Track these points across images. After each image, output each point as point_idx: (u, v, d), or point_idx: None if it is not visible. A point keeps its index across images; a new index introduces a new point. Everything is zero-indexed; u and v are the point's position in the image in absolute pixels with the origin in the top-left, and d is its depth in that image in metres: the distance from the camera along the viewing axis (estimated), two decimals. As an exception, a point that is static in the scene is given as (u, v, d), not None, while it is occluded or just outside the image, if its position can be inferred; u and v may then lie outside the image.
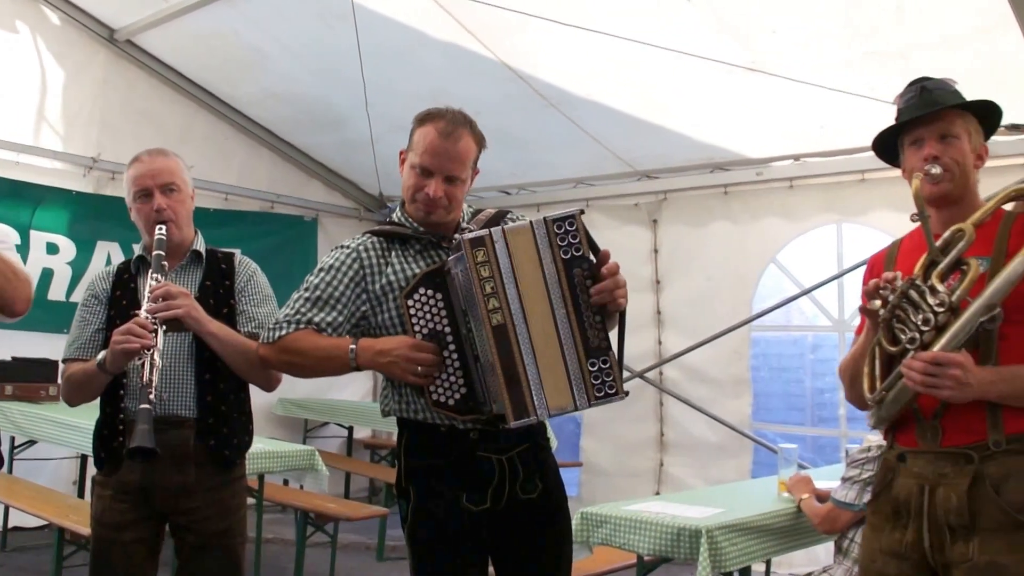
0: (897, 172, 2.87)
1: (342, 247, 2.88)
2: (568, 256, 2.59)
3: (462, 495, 2.73)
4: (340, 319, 2.78)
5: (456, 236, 2.75)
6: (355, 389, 9.68)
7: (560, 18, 5.88)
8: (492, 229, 2.60)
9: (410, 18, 6.55)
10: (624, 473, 7.79)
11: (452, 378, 2.66)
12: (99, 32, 7.79)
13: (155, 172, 3.15)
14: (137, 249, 3.27)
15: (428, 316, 2.67)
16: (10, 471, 6.86)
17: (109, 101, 7.94)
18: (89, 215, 7.67)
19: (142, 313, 2.91)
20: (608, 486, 7.66)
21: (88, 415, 5.37)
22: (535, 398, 2.55)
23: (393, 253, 2.83)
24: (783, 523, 4.12)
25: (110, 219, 7.58)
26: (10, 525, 6.88)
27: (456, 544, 2.74)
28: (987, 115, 2.76)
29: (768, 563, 5.90)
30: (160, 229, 3.09)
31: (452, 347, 2.65)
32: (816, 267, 7.01)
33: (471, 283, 2.57)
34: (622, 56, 6.16)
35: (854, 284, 6.72)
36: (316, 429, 9.36)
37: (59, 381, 6.70)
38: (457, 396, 2.66)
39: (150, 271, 3.04)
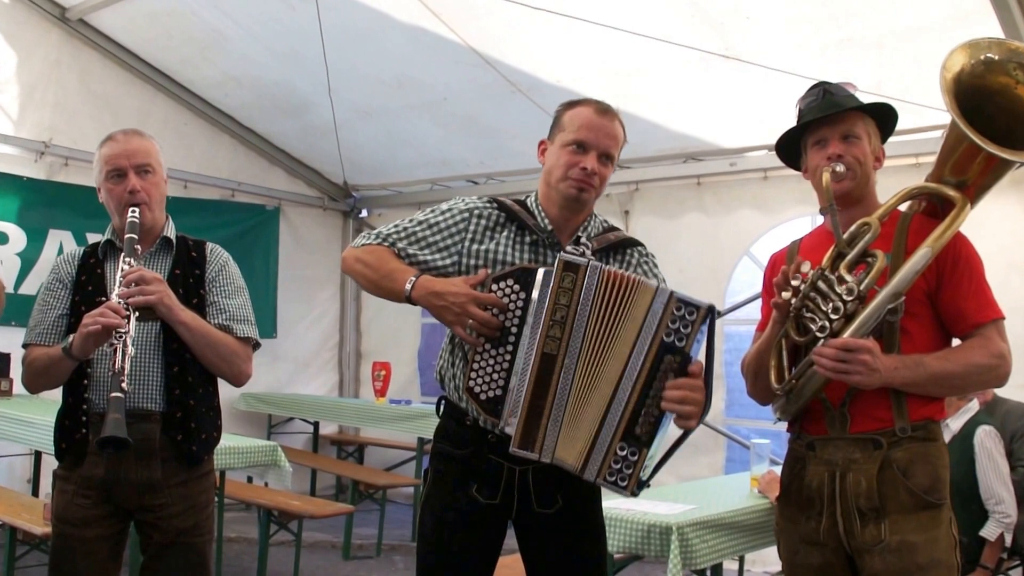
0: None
1: (462, 200, 2.86)
2: (670, 340, 2.48)
3: (473, 485, 2.72)
4: (422, 261, 2.76)
5: (585, 230, 2.78)
6: (321, 383, 9.59)
7: (529, 1, 5.76)
8: (592, 262, 2.54)
9: (375, -1, 6.39)
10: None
11: (495, 375, 2.59)
12: (50, 11, 7.52)
13: (130, 152, 3.05)
14: (105, 233, 3.16)
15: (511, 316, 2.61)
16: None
17: (62, 83, 7.70)
18: (41, 202, 7.45)
19: (113, 297, 2.82)
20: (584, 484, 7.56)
21: (43, 410, 5.24)
22: (546, 438, 2.52)
23: (505, 231, 2.79)
24: (756, 519, 4.14)
25: (63, 207, 7.43)
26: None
27: (458, 531, 2.73)
28: (885, 118, 2.90)
29: (741, 560, 5.91)
30: (133, 212, 3.00)
31: (510, 347, 2.58)
32: (791, 260, 6.92)
33: (546, 301, 2.52)
34: (593, 42, 6.06)
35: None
36: (280, 425, 9.22)
37: (11, 375, 6.62)
38: (491, 394, 2.59)
39: (122, 255, 2.94)
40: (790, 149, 3.01)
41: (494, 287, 2.60)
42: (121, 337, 2.77)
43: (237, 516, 7.37)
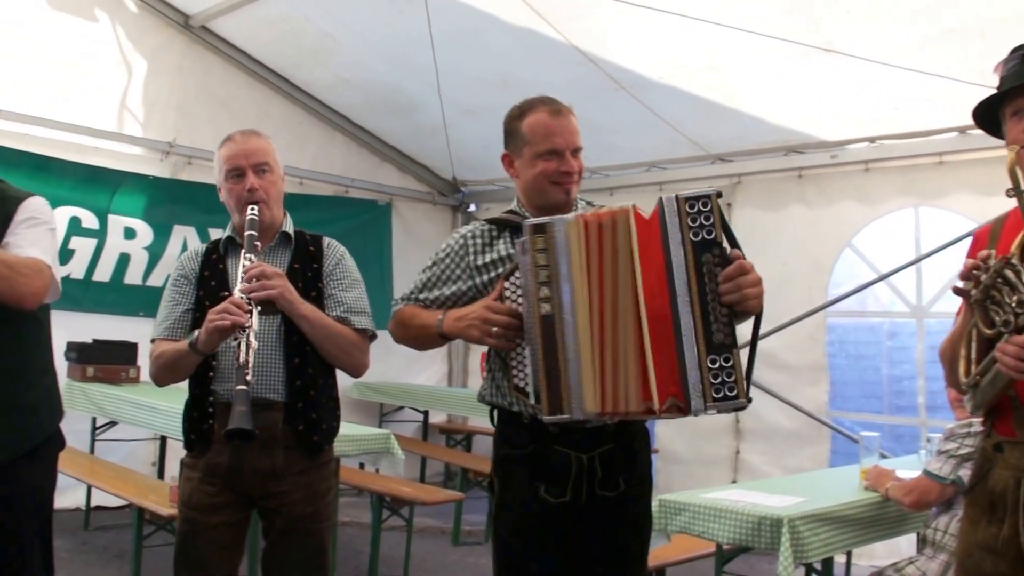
0: (978, 155, 2.75)
1: (454, 233, 2.99)
2: (699, 238, 2.43)
3: (540, 487, 2.75)
4: (442, 297, 2.91)
5: (576, 208, 2.79)
6: (431, 374, 9.76)
7: (631, -1, 5.83)
8: (555, 217, 2.56)
9: (481, 2, 6.53)
10: (700, 461, 7.72)
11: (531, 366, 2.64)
12: (175, 19, 7.91)
13: (248, 152, 3.13)
14: (225, 231, 3.25)
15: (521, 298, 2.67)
16: (92, 451, 7.02)
17: (185, 87, 8.07)
18: (166, 200, 7.81)
19: (236, 293, 2.89)
20: (684, 474, 7.60)
21: (169, 397, 5.48)
22: (572, 396, 2.49)
23: (502, 240, 2.89)
24: (866, 513, 4.04)
25: (186, 204, 7.77)
26: (92, 504, 7.01)
27: (533, 536, 2.76)
28: None
29: (849, 554, 5.85)
30: (252, 209, 3.06)
31: None
32: (893, 252, 6.86)
33: (527, 268, 2.57)
34: (695, 38, 6.10)
35: (933, 269, 6.58)
36: (391, 413, 9.40)
37: (138, 363, 6.96)
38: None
39: (243, 251, 3.01)
40: (992, 119, 2.65)
41: (507, 284, 2.68)
42: (245, 331, 2.82)
43: (350, 501, 7.51)
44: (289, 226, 3.25)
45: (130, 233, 7.61)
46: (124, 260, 7.55)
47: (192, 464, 3.13)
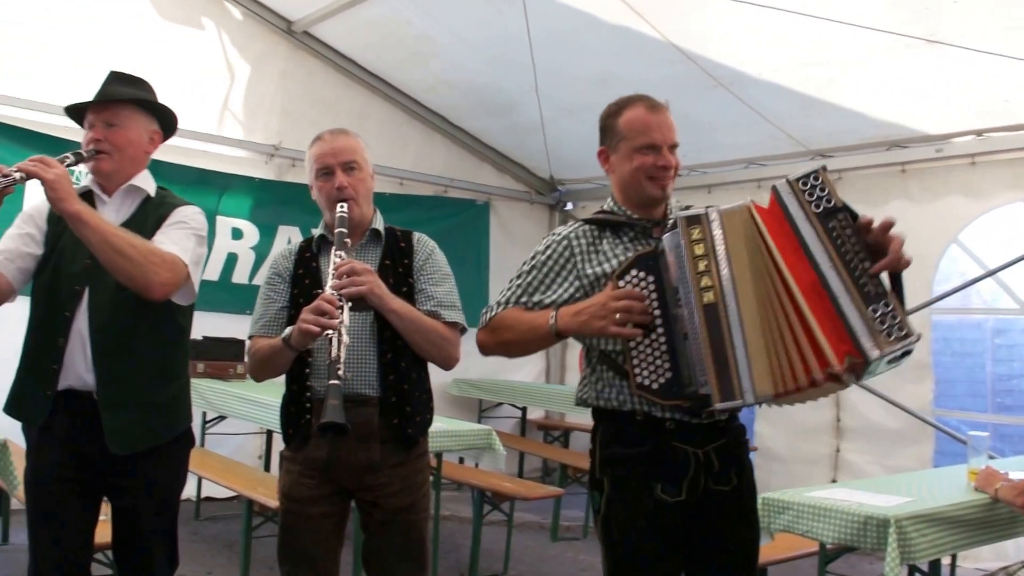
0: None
1: (554, 234, 2.97)
2: (820, 208, 2.50)
3: (656, 486, 2.74)
4: (547, 301, 2.86)
5: (672, 215, 2.79)
6: (529, 370, 9.80)
7: (731, -5, 5.80)
8: (708, 209, 2.60)
9: (579, 1, 6.55)
10: (799, 459, 7.63)
11: (658, 361, 2.65)
12: (278, 24, 8.11)
13: (337, 151, 3.17)
14: (318, 229, 3.30)
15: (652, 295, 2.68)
16: (202, 444, 7.23)
17: (289, 91, 8.27)
18: (271, 201, 8.03)
19: (327, 290, 2.91)
20: (783, 472, 7.52)
21: (274, 392, 5.59)
22: (742, 381, 2.49)
23: (604, 241, 2.89)
24: (975, 515, 3.91)
25: (291, 204, 7.94)
26: (203, 495, 7.24)
27: (649, 536, 2.74)
28: None
29: (954, 557, 5.73)
30: (341, 207, 3.09)
31: (660, 330, 2.65)
32: (1001, 248, 6.69)
33: (683, 260, 2.57)
34: (794, 32, 6.03)
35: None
36: (490, 409, 9.48)
37: (245, 360, 7.11)
38: (662, 380, 2.64)
39: (333, 248, 3.04)
40: None
41: (620, 283, 2.69)
42: (336, 327, 2.84)
43: (450, 495, 7.55)
44: (379, 223, 3.29)
45: (237, 233, 7.85)
46: (232, 260, 7.80)
47: (291, 458, 3.19)
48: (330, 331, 2.82)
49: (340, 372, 2.77)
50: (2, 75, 6.77)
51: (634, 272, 2.69)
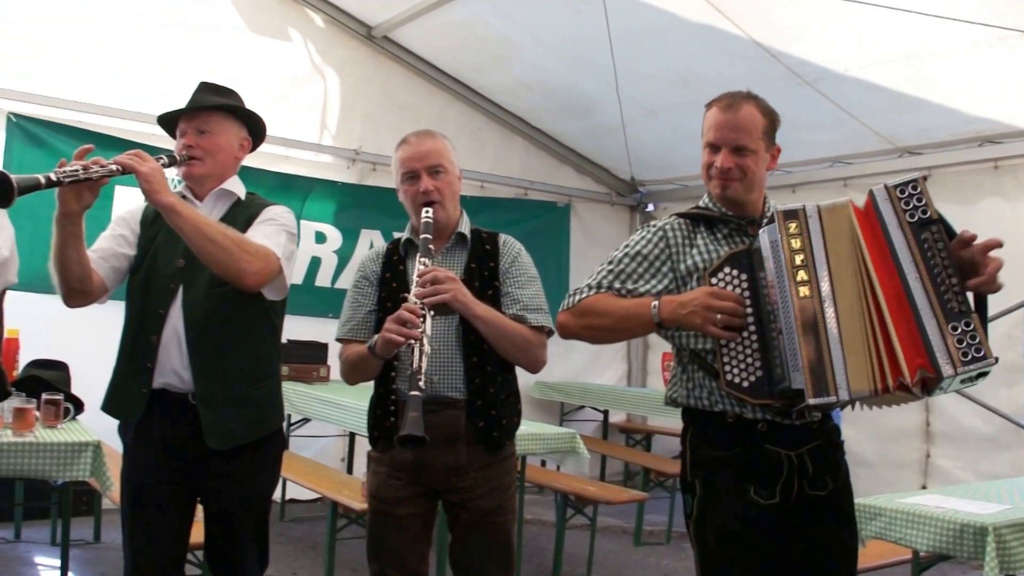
0: None
1: (649, 226, 2.93)
2: (915, 219, 2.48)
3: (749, 488, 2.70)
4: (641, 290, 2.82)
5: (770, 212, 2.75)
6: (611, 374, 9.76)
7: (814, -10, 5.70)
8: (806, 204, 2.58)
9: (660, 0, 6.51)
10: (888, 464, 7.44)
11: (749, 359, 2.62)
12: (358, 30, 8.19)
13: (422, 154, 3.17)
14: (405, 232, 3.31)
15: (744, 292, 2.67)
16: (287, 447, 7.31)
17: (369, 96, 8.35)
18: (353, 205, 8.13)
19: (411, 298, 2.92)
20: (871, 477, 7.33)
21: (356, 395, 5.65)
22: (836, 376, 2.45)
23: (699, 235, 2.86)
24: None
25: (372, 208, 8.07)
26: (287, 497, 7.32)
27: (743, 539, 2.70)
28: None
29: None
30: (426, 212, 3.11)
31: (752, 328, 2.62)
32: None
33: (780, 254, 2.55)
34: (881, 27, 5.90)
35: None
36: (572, 412, 9.43)
37: (328, 363, 7.22)
38: (752, 379, 2.61)
39: (418, 255, 3.05)
40: None
41: (713, 280, 2.67)
42: (418, 337, 2.84)
43: (532, 499, 7.54)
44: (465, 226, 3.28)
45: (320, 237, 7.96)
46: (315, 263, 7.91)
47: (379, 459, 3.21)
48: (413, 340, 2.83)
49: (420, 383, 2.77)
50: (94, 85, 6.98)
51: (727, 269, 2.68)
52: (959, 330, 2.40)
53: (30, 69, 6.77)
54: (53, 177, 2.63)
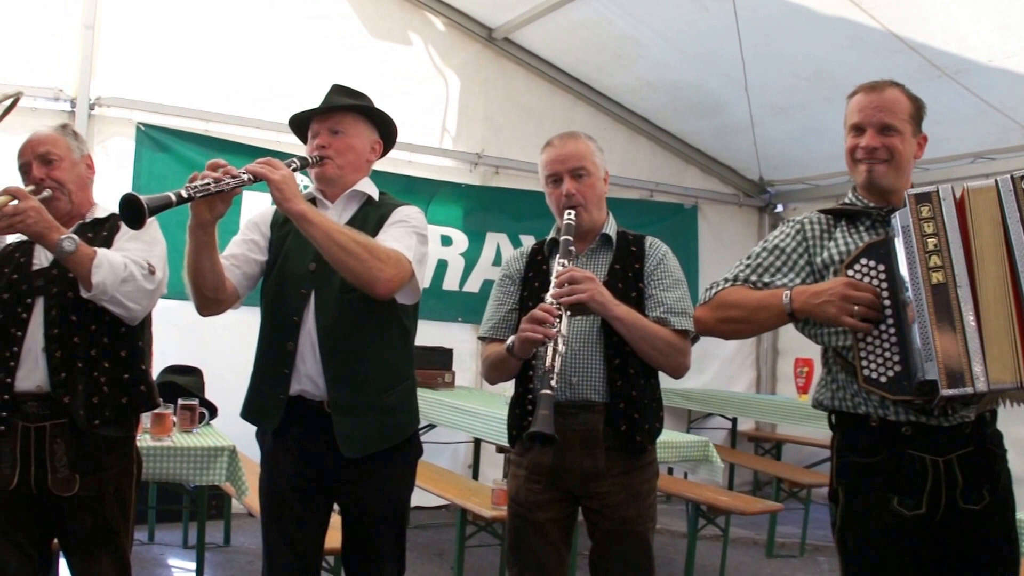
0: None
1: (788, 221, 2.89)
2: None
3: (893, 498, 2.57)
4: (776, 284, 2.77)
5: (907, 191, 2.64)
6: (740, 381, 9.58)
7: (958, -23, 5.45)
8: (940, 186, 2.46)
9: (792, -8, 6.31)
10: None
11: (887, 354, 2.49)
12: (478, 33, 8.16)
13: (564, 157, 3.18)
14: (551, 233, 3.31)
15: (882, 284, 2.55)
16: (422, 452, 7.29)
17: (490, 99, 8.31)
18: (478, 208, 8.09)
19: (547, 298, 2.91)
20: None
21: (483, 401, 5.60)
22: (973, 366, 2.32)
23: (839, 229, 2.78)
24: None
25: (497, 211, 8.04)
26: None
27: (888, 553, 2.58)
28: None
29: None
30: (569, 215, 3.12)
31: (890, 321, 2.50)
32: None
33: (912, 240, 2.44)
34: (1030, 12, 5.62)
35: None
36: (700, 420, 9.27)
37: (453, 368, 7.19)
38: (890, 374, 2.48)
39: (557, 257, 3.04)
40: None
41: (849, 272, 2.57)
42: (553, 336, 2.83)
43: (659, 507, 7.32)
44: (611, 228, 3.28)
45: (447, 240, 7.93)
46: (442, 267, 7.87)
47: (518, 462, 3.23)
48: (548, 339, 2.82)
49: (553, 382, 2.75)
50: (218, 95, 7.13)
51: (864, 260, 2.58)
52: None
53: (157, 81, 6.93)
54: (184, 194, 2.61)
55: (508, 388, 3.35)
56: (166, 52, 6.95)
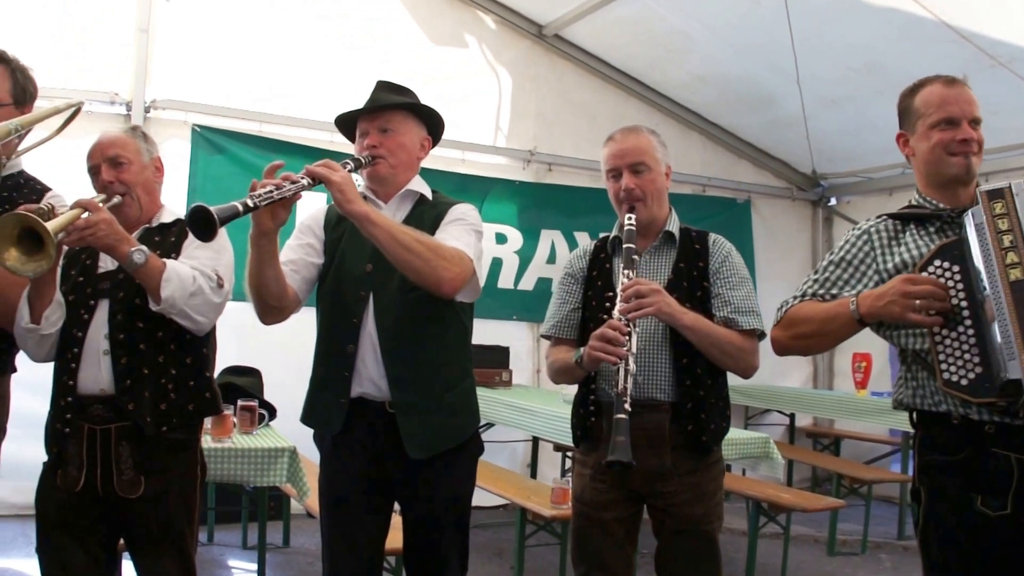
0: None
1: (855, 229, 2.87)
2: None
3: (976, 498, 2.50)
4: (845, 295, 2.73)
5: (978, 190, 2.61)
6: (797, 376, 9.47)
7: (1013, -38, 5.37)
8: (1013, 181, 2.43)
9: (842, -16, 6.25)
10: None
11: (967, 355, 2.45)
12: (529, 30, 8.16)
13: (624, 151, 3.17)
14: (613, 230, 3.27)
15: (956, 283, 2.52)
16: (483, 451, 7.30)
17: (542, 96, 8.30)
18: (532, 205, 8.08)
19: (615, 314, 2.90)
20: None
21: (542, 399, 5.58)
22: None
23: (908, 233, 2.74)
24: None
25: (551, 208, 8.02)
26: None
27: (972, 556, 2.51)
28: None
29: None
30: (629, 219, 3.08)
31: (968, 322, 2.46)
32: None
33: (986, 237, 2.41)
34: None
35: None
36: (757, 416, 9.18)
37: (510, 367, 7.18)
38: (971, 376, 2.44)
39: (621, 267, 3.02)
40: None
41: (923, 275, 2.52)
42: (624, 356, 2.83)
43: (721, 506, 7.34)
44: (674, 224, 3.23)
45: (501, 238, 7.93)
46: (497, 265, 7.87)
47: (583, 461, 3.22)
48: (617, 360, 2.82)
49: (627, 406, 2.75)
50: (273, 96, 7.19)
51: (938, 263, 2.54)
52: None
53: (212, 83, 7.00)
54: (250, 203, 2.60)
55: (566, 387, 3.34)
56: (220, 54, 7.02)
